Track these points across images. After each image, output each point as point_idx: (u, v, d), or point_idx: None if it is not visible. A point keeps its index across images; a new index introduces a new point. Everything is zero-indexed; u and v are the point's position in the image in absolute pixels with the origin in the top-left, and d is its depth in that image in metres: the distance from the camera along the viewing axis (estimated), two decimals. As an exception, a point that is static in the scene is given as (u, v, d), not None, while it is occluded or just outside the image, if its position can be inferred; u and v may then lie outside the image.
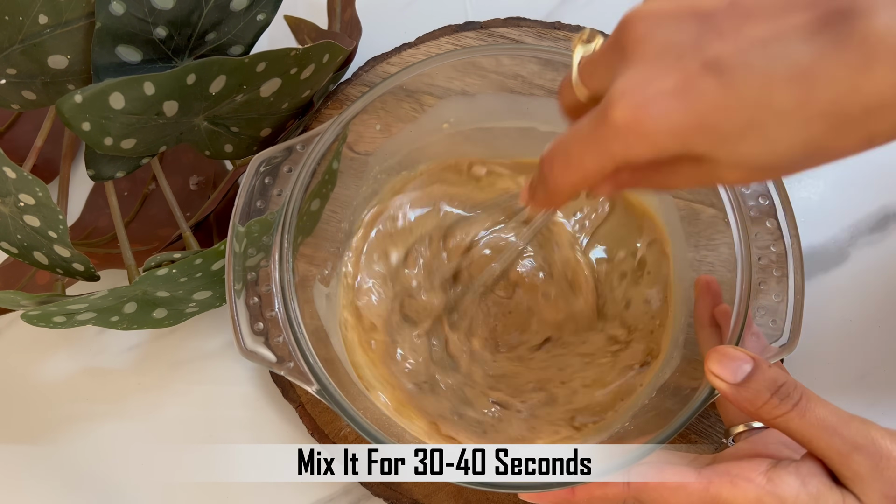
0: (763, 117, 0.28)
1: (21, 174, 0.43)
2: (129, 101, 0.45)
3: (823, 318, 0.54)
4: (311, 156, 0.48)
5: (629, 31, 0.30)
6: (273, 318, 0.46)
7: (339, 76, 0.58)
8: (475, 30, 0.59)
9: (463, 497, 0.51)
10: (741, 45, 0.28)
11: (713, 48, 0.28)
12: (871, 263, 0.55)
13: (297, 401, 0.53)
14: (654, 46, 0.29)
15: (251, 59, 0.47)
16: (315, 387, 0.44)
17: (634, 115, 0.29)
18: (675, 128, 0.29)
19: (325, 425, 0.53)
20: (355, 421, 0.43)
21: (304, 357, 0.45)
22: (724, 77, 0.28)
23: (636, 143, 0.29)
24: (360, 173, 0.54)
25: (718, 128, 0.28)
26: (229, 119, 0.51)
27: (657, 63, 0.29)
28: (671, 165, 0.31)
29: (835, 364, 0.54)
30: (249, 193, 0.48)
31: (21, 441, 0.56)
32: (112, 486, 0.55)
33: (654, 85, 0.29)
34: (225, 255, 0.47)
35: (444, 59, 0.50)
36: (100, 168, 0.50)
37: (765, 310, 0.45)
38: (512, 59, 0.52)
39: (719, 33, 0.28)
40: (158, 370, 0.57)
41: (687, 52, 0.28)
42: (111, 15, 0.45)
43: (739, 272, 0.46)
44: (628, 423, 0.48)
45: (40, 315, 0.46)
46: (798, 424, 0.38)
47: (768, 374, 0.38)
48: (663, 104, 0.28)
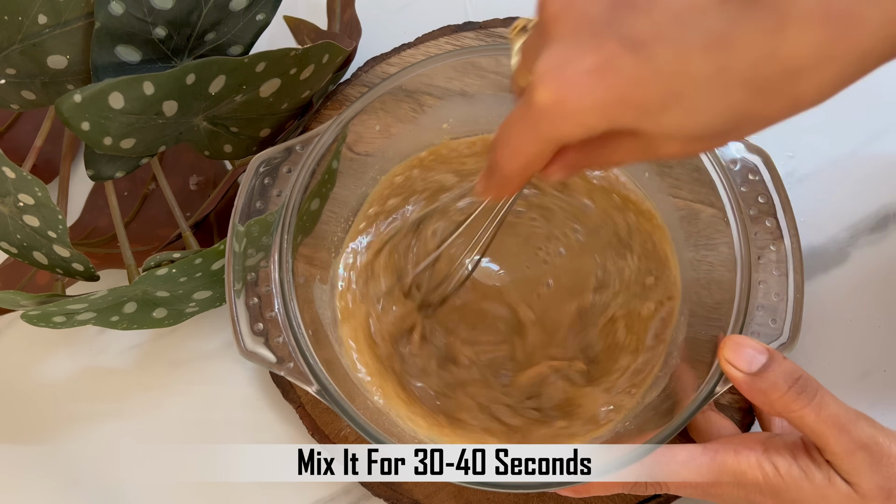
0: (683, 88, 0.28)
1: (20, 174, 0.43)
2: (129, 100, 0.45)
3: (823, 318, 0.54)
4: (310, 156, 0.48)
5: (546, 9, 0.30)
6: (273, 318, 0.46)
7: (339, 76, 0.58)
8: (474, 30, 0.59)
9: (464, 497, 0.51)
10: (655, 18, 0.27)
11: (627, 23, 0.28)
12: (871, 263, 0.55)
13: (298, 401, 0.53)
14: (570, 23, 0.29)
15: (251, 60, 0.47)
16: (315, 387, 0.44)
17: (556, 95, 0.29)
18: (597, 105, 0.29)
19: (325, 426, 0.53)
20: (355, 421, 0.43)
21: (304, 357, 0.45)
22: (639, 51, 0.28)
23: (563, 123, 0.30)
24: (360, 174, 0.54)
25: (639, 101, 0.28)
26: (229, 119, 0.51)
27: (574, 40, 0.29)
28: (611, 141, 0.32)
29: (835, 364, 0.54)
30: (249, 193, 0.48)
31: (21, 441, 0.56)
32: (112, 487, 0.55)
33: (572, 64, 0.29)
34: (224, 254, 0.47)
35: (443, 59, 0.50)
36: (99, 168, 0.50)
37: (764, 308, 0.45)
38: (511, 59, 0.51)
39: (633, 7, 0.28)
40: (159, 370, 0.57)
41: (602, 27, 0.28)
42: (110, 15, 0.45)
43: (739, 270, 0.46)
44: (628, 422, 0.48)
45: (40, 315, 0.46)
46: (813, 420, 0.39)
47: (785, 365, 0.39)
48: (582, 83, 0.28)
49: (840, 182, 0.57)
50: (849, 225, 0.56)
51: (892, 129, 0.57)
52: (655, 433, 0.42)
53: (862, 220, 0.56)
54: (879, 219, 0.56)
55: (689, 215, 0.51)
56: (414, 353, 0.53)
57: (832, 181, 0.57)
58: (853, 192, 0.56)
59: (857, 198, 0.56)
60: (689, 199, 0.51)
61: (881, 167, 0.57)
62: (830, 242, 0.56)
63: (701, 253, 0.50)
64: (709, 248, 0.49)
